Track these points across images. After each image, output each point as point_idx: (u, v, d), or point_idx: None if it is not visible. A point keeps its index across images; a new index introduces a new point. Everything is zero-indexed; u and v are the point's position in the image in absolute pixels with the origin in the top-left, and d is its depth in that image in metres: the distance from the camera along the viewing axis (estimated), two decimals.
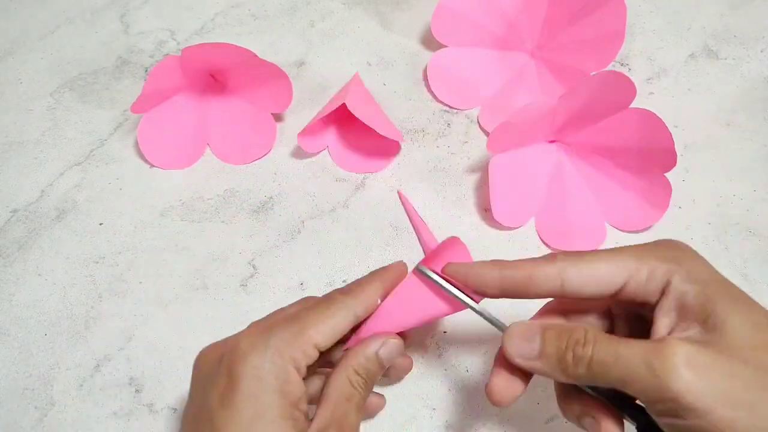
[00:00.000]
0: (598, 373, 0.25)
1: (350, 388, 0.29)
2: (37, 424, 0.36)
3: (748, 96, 0.47)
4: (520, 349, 0.27)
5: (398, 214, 0.43)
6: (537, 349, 0.27)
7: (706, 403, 0.22)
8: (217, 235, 0.42)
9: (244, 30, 0.52)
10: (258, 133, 0.45)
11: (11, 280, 0.41)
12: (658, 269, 0.26)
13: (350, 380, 0.29)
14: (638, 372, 0.23)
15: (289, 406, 0.27)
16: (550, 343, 0.26)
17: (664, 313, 0.26)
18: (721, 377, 0.23)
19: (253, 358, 0.27)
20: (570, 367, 0.26)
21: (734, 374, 0.23)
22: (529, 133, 0.42)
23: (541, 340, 0.27)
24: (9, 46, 0.51)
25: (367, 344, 0.30)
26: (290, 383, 0.27)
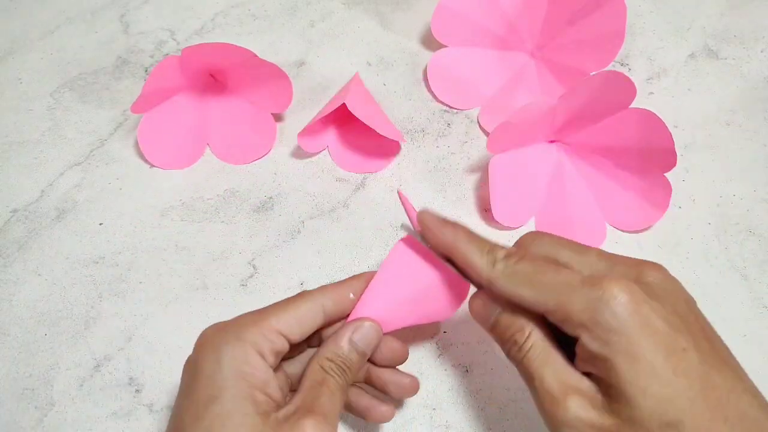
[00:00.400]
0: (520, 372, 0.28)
1: (322, 374, 0.30)
2: (37, 424, 0.36)
3: (748, 96, 0.47)
4: (479, 316, 0.30)
5: (398, 214, 0.43)
6: (490, 323, 0.30)
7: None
8: (217, 235, 0.42)
9: (244, 30, 0.52)
10: (258, 133, 0.45)
11: (11, 280, 0.41)
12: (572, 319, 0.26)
13: (322, 366, 0.30)
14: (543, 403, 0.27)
15: (249, 387, 0.27)
16: (499, 327, 0.29)
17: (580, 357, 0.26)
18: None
19: (214, 342, 0.28)
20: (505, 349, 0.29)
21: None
22: (529, 133, 0.42)
23: (495, 319, 0.29)
24: (9, 46, 0.51)
25: (341, 332, 0.31)
26: (250, 365, 0.28)
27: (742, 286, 0.40)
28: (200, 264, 0.41)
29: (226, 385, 0.27)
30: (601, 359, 0.25)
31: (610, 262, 0.28)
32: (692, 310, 0.27)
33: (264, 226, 0.43)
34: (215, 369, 0.27)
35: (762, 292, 0.40)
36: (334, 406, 0.29)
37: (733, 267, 0.41)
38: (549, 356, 0.27)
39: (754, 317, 0.39)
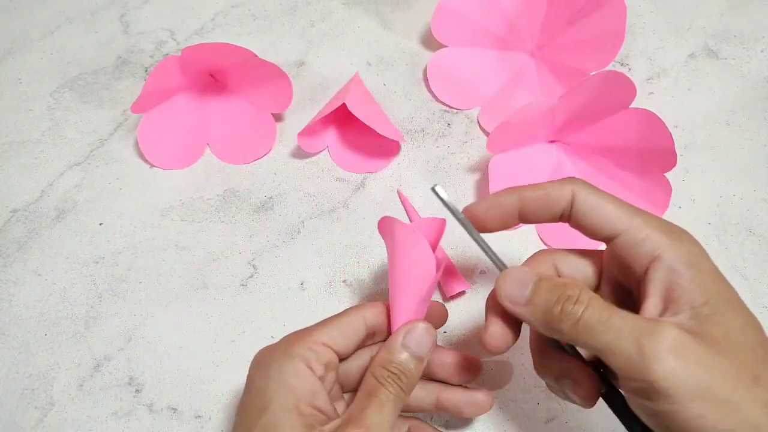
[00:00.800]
0: (582, 334, 0.25)
1: (374, 382, 0.29)
2: (37, 424, 0.36)
3: (748, 96, 0.47)
4: (512, 292, 0.27)
5: (398, 214, 0.43)
6: (526, 296, 0.27)
7: (683, 393, 0.22)
8: (217, 235, 0.42)
9: (244, 30, 0.52)
10: (258, 133, 0.45)
11: (11, 280, 0.41)
12: (655, 238, 0.26)
13: (374, 375, 0.29)
14: (625, 346, 0.23)
15: (295, 399, 0.27)
16: (541, 292, 0.26)
17: (656, 288, 0.25)
18: (705, 371, 0.23)
19: (264, 360, 0.29)
20: (555, 320, 0.25)
21: (718, 370, 0.23)
22: (529, 133, 0.42)
23: (533, 287, 0.27)
24: (9, 46, 0.51)
25: (391, 338, 0.30)
26: (297, 377, 0.28)
27: (742, 286, 0.40)
28: (200, 264, 0.41)
29: (274, 397, 0.27)
30: (692, 277, 0.25)
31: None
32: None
33: (264, 226, 0.43)
34: (265, 383, 0.28)
35: (762, 292, 0.40)
36: (382, 417, 0.28)
37: (733, 267, 0.41)
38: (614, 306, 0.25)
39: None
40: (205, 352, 0.38)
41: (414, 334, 0.30)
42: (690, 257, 0.25)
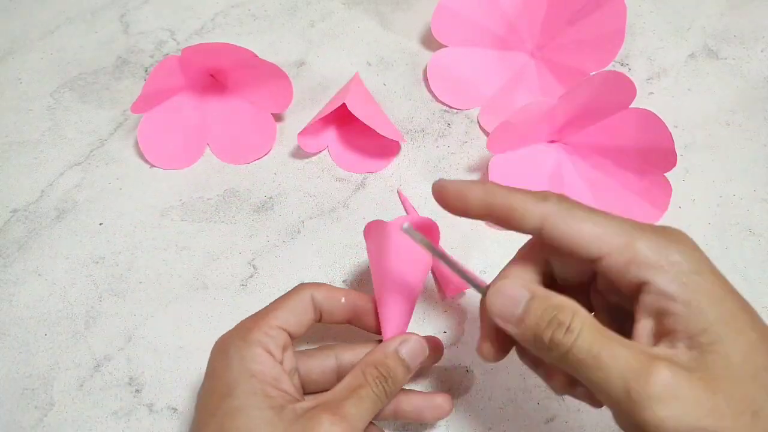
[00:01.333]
0: (570, 366, 0.23)
1: (360, 379, 0.29)
2: (37, 424, 0.36)
3: (748, 96, 0.47)
4: (502, 309, 0.25)
5: (398, 214, 0.43)
6: (517, 315, 0.25)
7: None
8: (217, 235, 0.42)
9: (244, 30, 0.52)
10: (258, 133, 0.45)
11: (11, 280, 0.41)
12: (640, 259, 0.23)
13: (363, 372, 0.29)
14: (614, 388, 0.22)
15: (260, 383, 0.28)
16: (532, 315, 0.24)
17: (647, 314, 0.24)
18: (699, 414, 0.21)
19: (222, 347, 0.30)
20: (544, 348, 0.24)
21: (714, 411, 0.21)
22: (529, 133, 0.42)
23: (524, 308, 0.25)
24: (9, 46, 0.51)
25: (390, 341, 0.31)
26: (258, 362, 0.28)
27: (742, 286, 0.39)
28: (200, 264, 0.41)
29: (237, 383, 0.28)
30: (686, 302, 0.22)
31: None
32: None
33: (264, 226, 0.43)
34: (225, 369, 0.29)
35: (762, 292, 0.40)
36: (359, 413, 0.28)
37: (734, 267, 0.41)
38: (608, 333, 0.23)
39: None
40: (205, 352, 0.38)
41: (410, 345, 0.31)
42: (681, 277, 0.23)
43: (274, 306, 0.31)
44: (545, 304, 0.24)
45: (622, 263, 0.23)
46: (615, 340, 0.23)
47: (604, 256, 0.24)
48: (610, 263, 0.24)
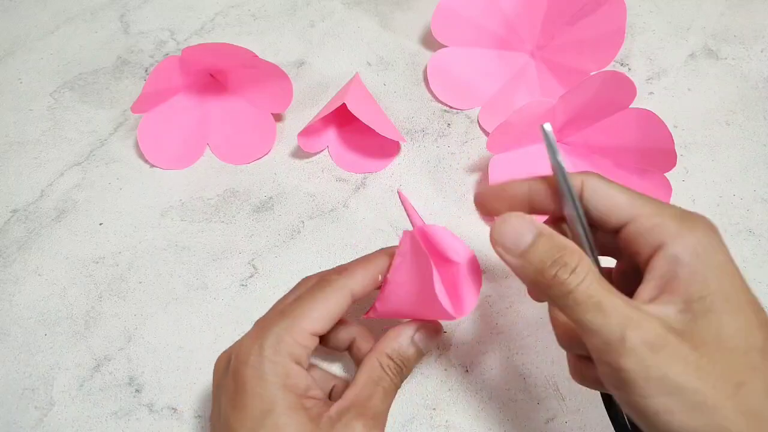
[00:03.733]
0: (569, 306, 0.24)
1: (380, 371, 0.30)
2: (37, 424, 0.36)
3: (748, 96, 0.47)
4: (507, 239, 0.25)
5: (398, 214, 0.43)
6: (521, 248, 0.25)
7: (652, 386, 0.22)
8: (217, 235, 0.42)
9: (244, 30, 0.52)
10: (258, 133, 0.45)
11: (11, 280, 0.41)
12: (664, 226, 0.24)
13: (381, 363, 0.30)
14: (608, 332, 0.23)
15: (296, 397, 0.28)
16: (539, 249, 0.25)
17: (653, 275, 0.24)
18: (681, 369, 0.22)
19: (252, 359, 0.28)
20: (545, 283, 0.24)
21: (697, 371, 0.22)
22: (529, 133, 0.42)
23: (532, 240, 0.25)
24: (9, 46, 0.51)
25: (402, 329, 0.31)
26: (291, 377, 0.28)
27: None
28: (200, 264, 0.41)
29: (276, 400, 0.27)
30: (693, 269, 0.23)
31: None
32: None
33: (264, 226, 0.43)
34: (261, 386, 0.28)
35: (762, 292, 0.40)
36: (385, 407, 0.29)
37: None
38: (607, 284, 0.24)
39: None
40: (205, 352, 0.38)
41: (425, 332, 0.31)
42: (697, 248, 0.24)
43: (308, 304, 0.29)
44: (553, 243, 0.25)
45: (647, 227, 0.25)
46: (614, 291, 0.24)
47: (634, 218, 0.25)
48: (635, 227, 0.25)
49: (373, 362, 0.30)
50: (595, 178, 0.26)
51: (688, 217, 0.25)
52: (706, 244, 0.24)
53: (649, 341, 0.22)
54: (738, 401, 0.22)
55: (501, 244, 0.25)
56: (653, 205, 0.25)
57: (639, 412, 0.23)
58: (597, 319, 0.23)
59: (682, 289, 0.23)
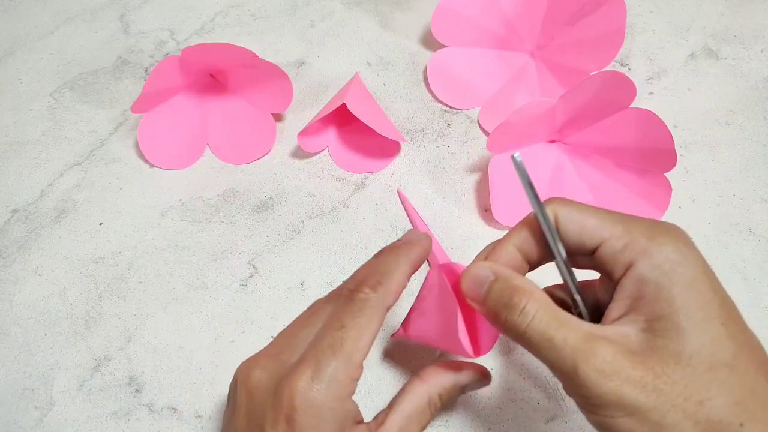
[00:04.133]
0: (526, 346, 0.25)
1: (426, 409, 0.30)
2: (37, 424, 0.36)
3: (748, 96, 0.47)
4: (470, 289, 0.27)
5: (398, 214, 0.43)
6: (482, 295, 0.27)
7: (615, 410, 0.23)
8: (217, 235, 0.42)
9: (244, 30, 0.52)
10: (258, 133, 0.45)
11: (11, 280, 0.41)
12: (634, 244, 0.25)
13: (430, 401, 0.30)
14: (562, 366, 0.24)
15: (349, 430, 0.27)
16: (493, 294, 0.26)
17: (621, 295, 0.25)
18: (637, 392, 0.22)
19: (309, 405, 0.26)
20: (501, 327, 0.26)
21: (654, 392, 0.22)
22: (529, 133, 0.42)
23: (487, 288, 0.26)
24: (9, 46, 0.51)
25: (458, 371, 0.31)
26: (347, 415, 0.27)
27: (742, 286, 0.40)
28: (200, 264, 0.41)
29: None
30: (658, 288, 0.24)
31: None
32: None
33: (264, 226, 0.43)
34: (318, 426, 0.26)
35: (762, 292, 0.40)
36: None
37: (733, 267, 0.41)
38: (560, 316, 0.25)
39: (754, 317, 0.39)
40: (205, 352, 0.38)
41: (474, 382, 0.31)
42: (664, 265, 0.24)
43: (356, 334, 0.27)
44: (505, 285, 0.26)
45: (618, 247, 0.25)
46: (566, 323, 0.24)
47: (605, 241, 0.25)
48: (607, 248, 0.25)
49: (423, 396, 0.30)
50: (565, 204, 0.27)
51: (658, 232, 0.25)
52: (674, 260, 0.24)
53: (601, 369, 0.23)
54: (698, 419, 0.22)
55: (467, 293, 0.27)
56: (623, 224, 0.25)
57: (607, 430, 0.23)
58: (551, 355, 0.24)
59: (646, 308, 0.24)
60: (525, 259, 0.28)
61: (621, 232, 0.25)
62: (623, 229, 0.25)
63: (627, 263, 0.25)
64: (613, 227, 0.25)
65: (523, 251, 0.28)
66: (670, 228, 0.25)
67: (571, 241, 0.27)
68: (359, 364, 0.27)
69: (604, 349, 0.23)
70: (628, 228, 0.25)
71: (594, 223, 0.26)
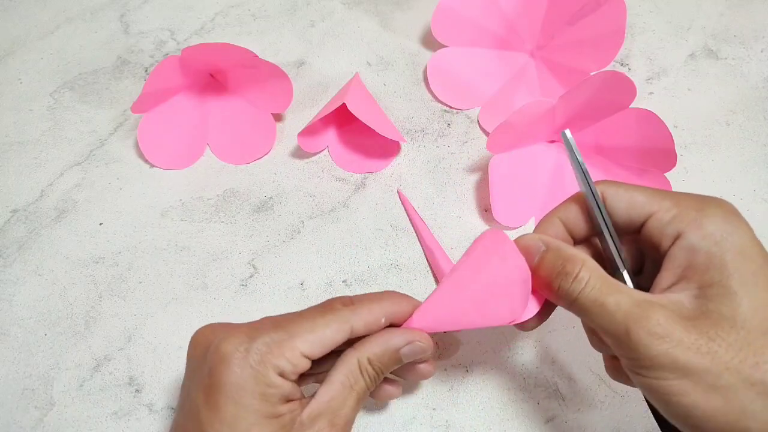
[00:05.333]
0: (578, 312, 0.26)
1: (357, 374, 0.28)
2: (37, 424, 0.36)
3: (748, 96, 0.47)
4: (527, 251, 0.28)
5: (398, 214, 0.43)
6: (533, 265, 0.27)
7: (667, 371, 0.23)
8: (217, 235, 0.42)
9: (244, 30, 0.52)
10: (258, 133, 0.45)
11: (11, 280, 0.41)
12: (682, 216, 0.25)
13: (360, 365, 0.28)
14: (614, 329, 0.24)
15: (272, 405, 0.27)
16: (545, 263, 0.27)
17: (671, 264, 0.25)
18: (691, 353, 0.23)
19: (235, 363, 0.26)
20: (554, 295, 0.27)
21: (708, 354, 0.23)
22: (529, 133, 0.42)
23: (539, 258, 0.27)
24: (9, 46, 0.51)
25: (391, 335, 0.29)
26: (273, 387, 0.27)
27: None
28: (200, 264, 0.41)
29: (252, 407, 0.26)
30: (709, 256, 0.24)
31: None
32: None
33: (264, 226, 0.43)
34: (238, 392, 0.26)
35: None
36: (355, 413, 0.29)
37: None
38: (612, 283, 0.25)
39: None
40: None
41: (414, 347, 0.29)
42: (715, 234, 0.25)
43: (306, 323, 0.28)
44: (557, 254, 0.27)
45: (667, 219, 0.26)
46: (618, 289, 0.25)
47: (654, 213, 0.26)
48: (656, 221, 0.26)
49: (353, 362, 0.28)
50: (614, 183, 0.28)
51: (707, 204, 0.26)
52: (724, 230, 0.25)
53: (653, 331, 0.23)
54: (754, 380, 0.22)
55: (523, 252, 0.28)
56: (671, 198, 0.26)
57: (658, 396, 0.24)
58: (603, 320, 0.25)
59: (697, 275, 0.24)
60: (570, 234, 0.29)
61: (669, 205, 0.26)
62: (671, 202, 0.26)
63: (675, 234, 0.25)
64: (661, 201, 0.26)
65: (569, 226, 0.29)
66: (718, 200, 0.26)
67: (619, 218, 0.27)
68: (299, 351, 0.27)
69: (657, 313, 0.24)
70: (677, 201, 0.26)
71: (642, 198, 0.27)
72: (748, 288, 0.24)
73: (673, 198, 0.26)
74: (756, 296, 0.23)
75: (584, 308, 0.25)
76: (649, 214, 0.26)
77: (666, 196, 0.27)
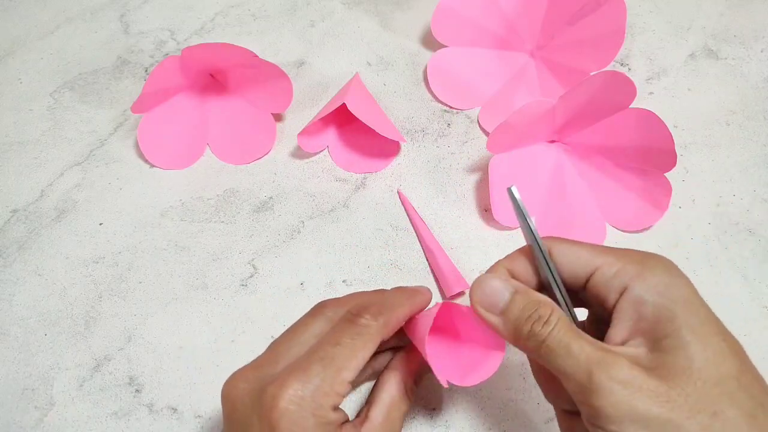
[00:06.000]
0: (543, 355, 0.26)
1: (403, 395, 0.31)
2: (37, 424, 0.36)
3: (748, 96, 0.47)
4: (486, 299, 0.28)
5: (398, 214, 0.43)
6: (500, 308, 0.27)
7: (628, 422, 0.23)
8: (217, 235, 0.42)
9: (244, 30, 0.52)
10: (258, 133, 0.45)
11: (11, 280, 0.41)
12: (626, 270, 0.26)
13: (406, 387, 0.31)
14: (578, 373, 0.24)
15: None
16: (516, 306, 0.27)
17: (621, 317, 0.26)
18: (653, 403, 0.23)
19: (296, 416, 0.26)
20: (522, 337, 0.26)
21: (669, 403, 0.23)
22: (529, 133, 0.42)
23: (509, 300, 0.27)
24: (9, 46, 0.51)
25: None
26: (331, 422, 0.28)
27: (742, 286, 0.40)
28: (200, 264, 0.41)
29: None
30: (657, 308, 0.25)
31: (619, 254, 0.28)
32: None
33: (264, 226, 0.43)
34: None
35: (762, 292, 0.40)
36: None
37: (733, 267, 0.41)
38: (575, 328, 0.26)
39: (754, 317, 0.39)
40: (205, 352, 0.38)
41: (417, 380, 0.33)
42: (659, 286, 0.25)
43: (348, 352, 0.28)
44: (527, 299, 0.27)
45: (611, 274, 0.26)
46: (582, 335, 0.25)
47: (598, 267, 0.27)
48: (600, 275, 0.27)
49: (399, 384, 0.31)
50: (558, 240, 0.28)
51: (648, 257, 0.26)
52: (667, 282, 0.25)
53: (617, 378, 0.23)
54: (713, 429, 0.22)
55: (481, 304, 0.28)
56: (614, 253, 0.27)
57: None
58: (567, 363, 0.25)
59: (649, 328, 0.25)
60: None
61: (612, 260, 0.26)
62: (614, 257, 0.27)
63: (621, 287, 0.26)
64: (605, 256, 0.27)
65: (516, 277, 0.29)
66: (658, 256, 0.27)
67: (564, 273, 0.28)
68: (347, 381, 0.28)
69: (620, 359, 0.24)
70: (619, 256, 0.27)
71: (586, 254, 0.27)
72: (699, 338, 0.24)
73: (616, 253, 0.27)
74: (708, 346, 0.24)
75: (550, 350, 0.25)
76: (593, 270, 0.27)
77: (609, 251, 0.27)
